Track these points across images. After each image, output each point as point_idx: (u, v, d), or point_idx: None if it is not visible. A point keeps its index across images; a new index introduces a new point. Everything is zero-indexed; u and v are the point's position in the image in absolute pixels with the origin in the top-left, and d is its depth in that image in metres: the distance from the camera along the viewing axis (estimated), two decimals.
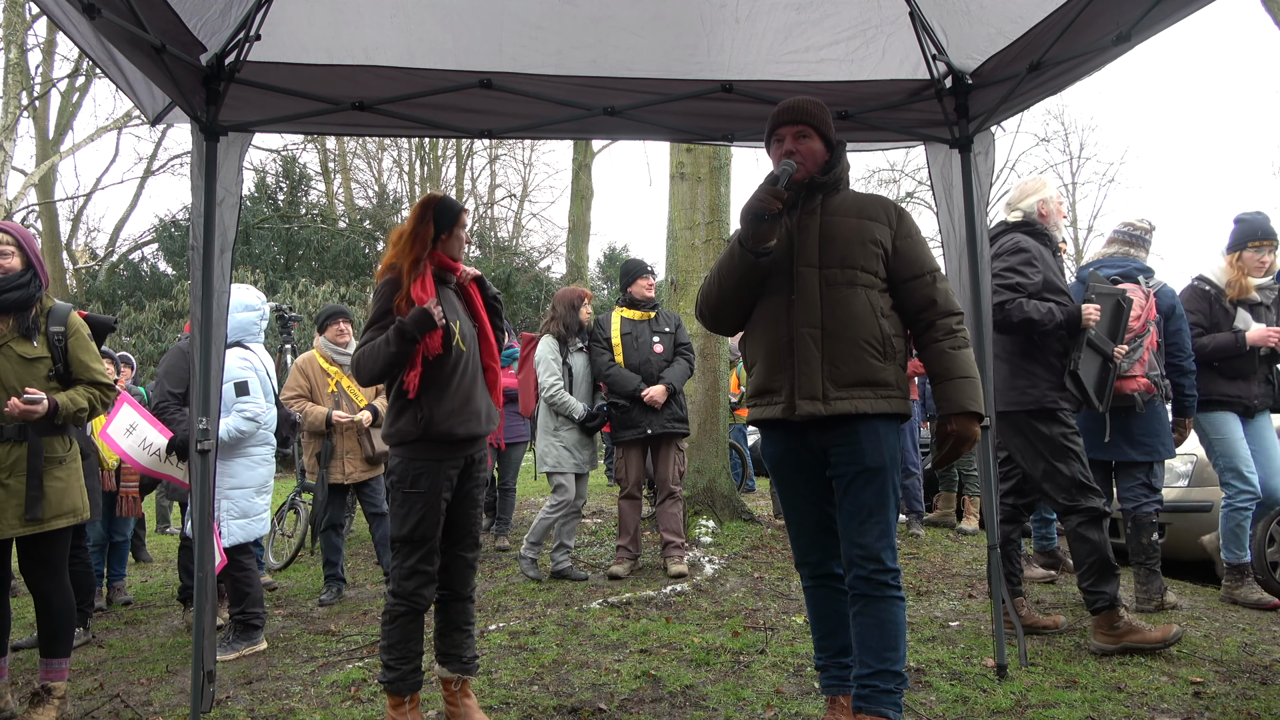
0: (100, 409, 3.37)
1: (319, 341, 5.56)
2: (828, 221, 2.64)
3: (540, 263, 23.71)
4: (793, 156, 2.65)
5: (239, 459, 4.24)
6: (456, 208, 3.06)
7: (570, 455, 5.39)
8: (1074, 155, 28.18)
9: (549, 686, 3.42)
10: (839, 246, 2.60)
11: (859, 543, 2.54)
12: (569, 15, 3.33)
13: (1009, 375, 3.81)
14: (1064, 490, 3.71)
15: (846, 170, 2.78)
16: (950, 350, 2.60)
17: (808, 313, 2.58)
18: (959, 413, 2.58)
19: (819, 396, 2.55)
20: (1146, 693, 3.16)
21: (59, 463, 3.23)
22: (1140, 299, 4.25)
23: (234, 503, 4.18)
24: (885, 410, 2.56)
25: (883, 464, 2.54)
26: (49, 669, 3.23)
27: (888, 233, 2.64)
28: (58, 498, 3.19)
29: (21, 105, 13.86)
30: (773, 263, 2.64)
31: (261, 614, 4.18)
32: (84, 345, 3.33)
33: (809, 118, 2.69)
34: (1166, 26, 2.65)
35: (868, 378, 2.55)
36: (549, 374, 5.41)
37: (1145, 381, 4.18)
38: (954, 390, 2.58)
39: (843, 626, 2.70)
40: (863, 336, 2.55)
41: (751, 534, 6.28)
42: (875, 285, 2.60)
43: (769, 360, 2.66)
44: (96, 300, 17.94)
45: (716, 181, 6.83)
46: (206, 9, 2.96)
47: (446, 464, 2.95)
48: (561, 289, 5.96)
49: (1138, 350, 4.20)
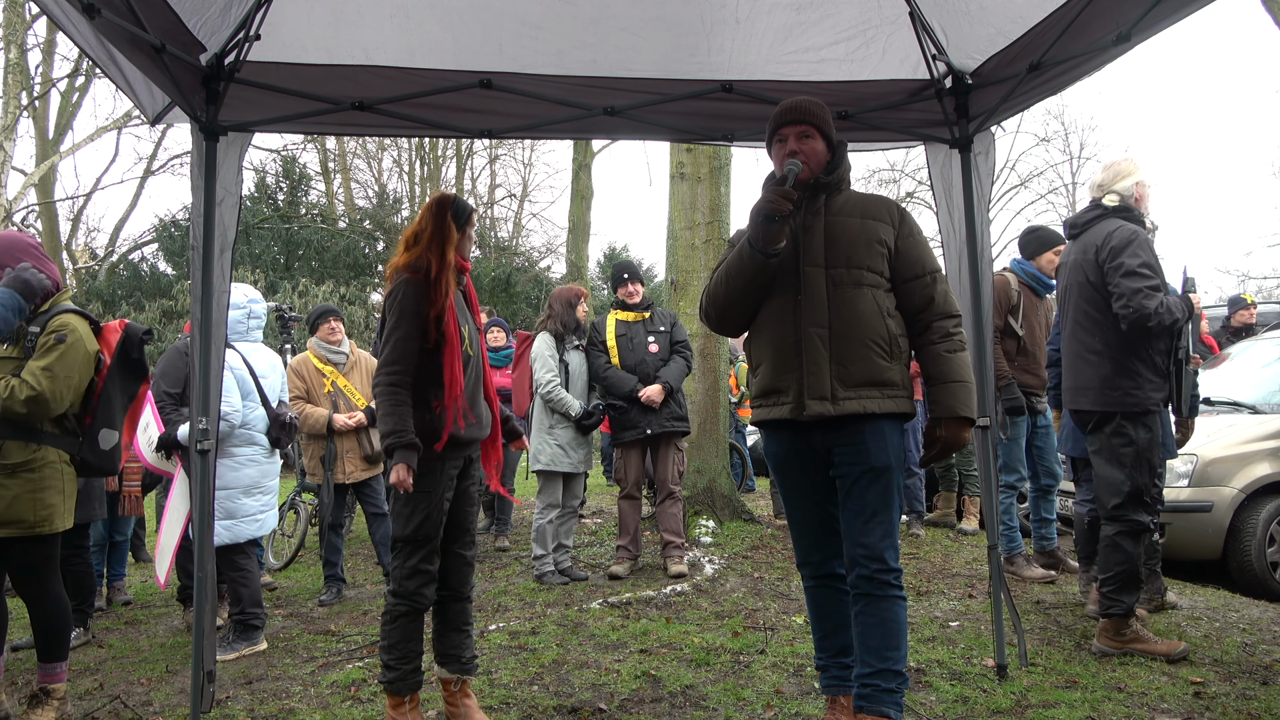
0: (7, 398, 3.02)
1: (312, 342, 5.55)
2: (832, 221, 2.65)
3: (540, 263, 23.69)
4: (796, 157, 2.65)
5: (221, 460, 4.21)
6: (469, 207, 3.08)
7: (565, 454, 5.37)
8: (1074, 155, 28.18)
9: (549, 686, 3.42)
10: (844, 246, 2.61)
11: (862, 542, 2.54)
12: (569, 15, 3.33)
13: (1111, 374, 3.58)
14: (1121, 496, 3.57)
15: (848, 170, 2.78)
16: (945, 354, 2.61)
17: (815, 313, 2.58)
18: (950, 418, 2.59)
19: (828, 396, 2.55)
20: (1146, 693, 3.16)
21: (9, 469, 3.06)
22: None
23: (218, 504, 4.16)
24: (892, 410, 2.57)
25: (888, 464, 2.55)
26: (46, 672, 3.22)
27: (891, 232, 2.65)
28: (2, 506, 3.04)
29: (21, 105, 13.86)
30: (778, 263, 2.65)
31: (261, 614, 4.18)
32: (45, 349, 3.13)
33: (811, 117, 2.69)
34: (1166, 26, 2.65)
35: (875, 377, 2.56)
36: (545, 371, 5.41)
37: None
38: (947, 394, 2.59)
39: (843, 627, 2.70)
40: (869, 336, 2.56)
41: (751, 534, 6.28)
42: (881, 285, 2.62)
43: (776, 360, 2.65)
44: (96, 300, 17.92)
45: (716, 181, 6.84)
46: (206, 9, 2.95)
47: (449, 464, 2.95)
48: (559, 287, 5.96)
49: None
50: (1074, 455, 4.52)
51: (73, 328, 3.21)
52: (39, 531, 3.12)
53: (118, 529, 5.51)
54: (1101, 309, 3.64)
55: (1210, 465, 5.08)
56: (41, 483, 3.13)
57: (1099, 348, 3.63)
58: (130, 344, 3.43)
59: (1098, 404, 3.64)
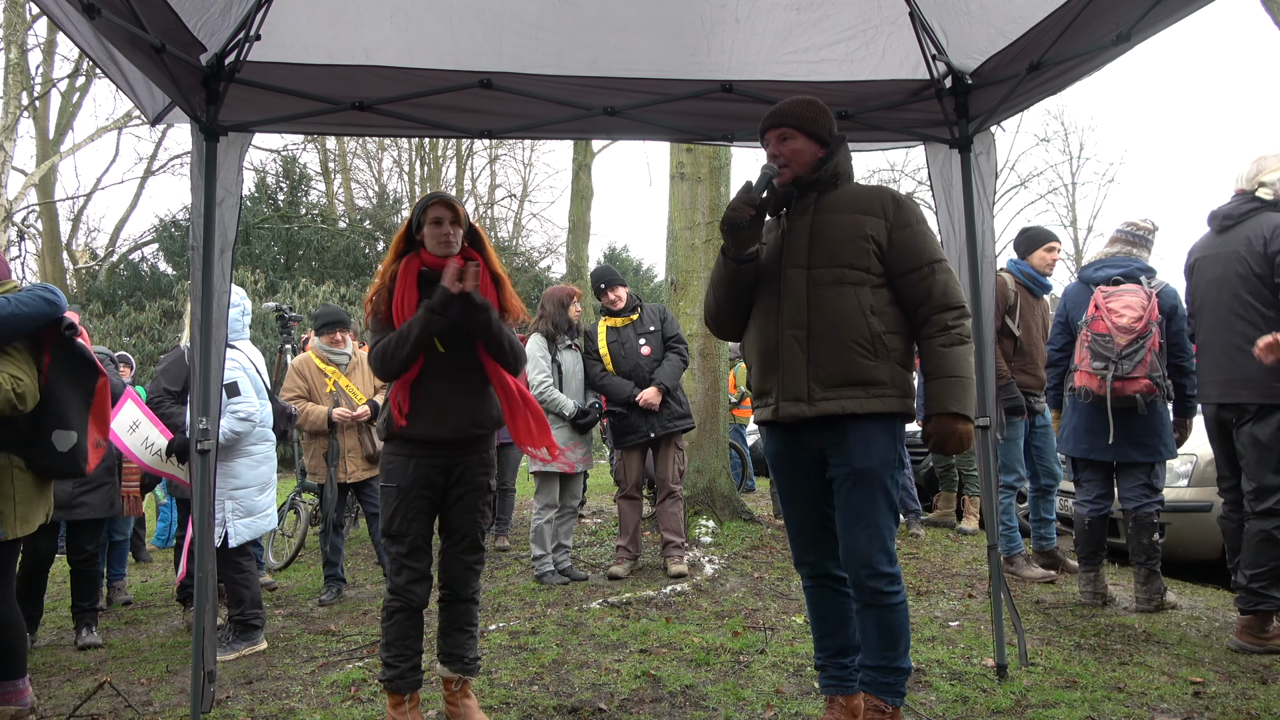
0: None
1: (314, 342, 5.56)
2: (819, 220, 2.62)
3: (540, 263, 23.70)
4: (776, 159, 2.65)
5: (239, 459, 4.24)
6: (424, 201, 3.04)
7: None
8: (1074, 155, 28.29)
9: (549, 686, 3.42)
10: (828, 245, 2.57)
11: (850, 545, 2.54)
12: (569, 15, 3.33)
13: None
14: (1276, 494, 3.60)
15: (846, 164, 2.72)
16: (939, 348, 2.54)
17: (794, 314, 2.57)
18: (940, 413, 2.54)
19: (803, 398, 2.54)
20: (1146, 693, 3.16)
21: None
22: (1142, 300, 4.22)
23: (238, 502, 4.19)
24: (877, 409, 2.51)
25: (870, 466, 2.51)
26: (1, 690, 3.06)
27: (882, 226, 2.57)
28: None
29: (21, 105, 13.86)
30: (765, 266, 2.64)
31: (261, 614, 4.18)
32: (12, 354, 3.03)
33: (789, 119, 2.66)
34: (1166, 26, 2.65)
35: (856, 377, 2.51)
36: (538, 372, 5.40)
37: (1147, 383, 4.14)
38: (939, 389, 2.54)
39: (842, 626, 2.70)
40: (850, 336, 2.52)
41: (751, 534, 6.28)
42: (866, 282, 2.55)
43: (760, 363, 2.67)
44: (97, 300, 17.93)
45: (716, 181, 6.83)
46: (206, 9, 2.95)
47: (420, 461, 2.94)
48: (550, 287, 5.96)
49: (1140, 352, 4.16)
50: (1074, 455, 4.52)
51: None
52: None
53: (117, 529, 5.52)
54: (1267, 300, 3.66)
55: (1210, 465, 5.07)
56: (5, 492, 2.98)
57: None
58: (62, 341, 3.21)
59: (1263, 396, 3.63)
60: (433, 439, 2.94)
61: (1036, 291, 5.13)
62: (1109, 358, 4.19)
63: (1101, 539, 4.44)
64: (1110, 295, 4.33)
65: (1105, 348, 4.21)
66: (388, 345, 2.88)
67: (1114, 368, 4.18)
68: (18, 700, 3.08)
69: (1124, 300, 4.28)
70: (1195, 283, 4.05)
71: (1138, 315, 4.19)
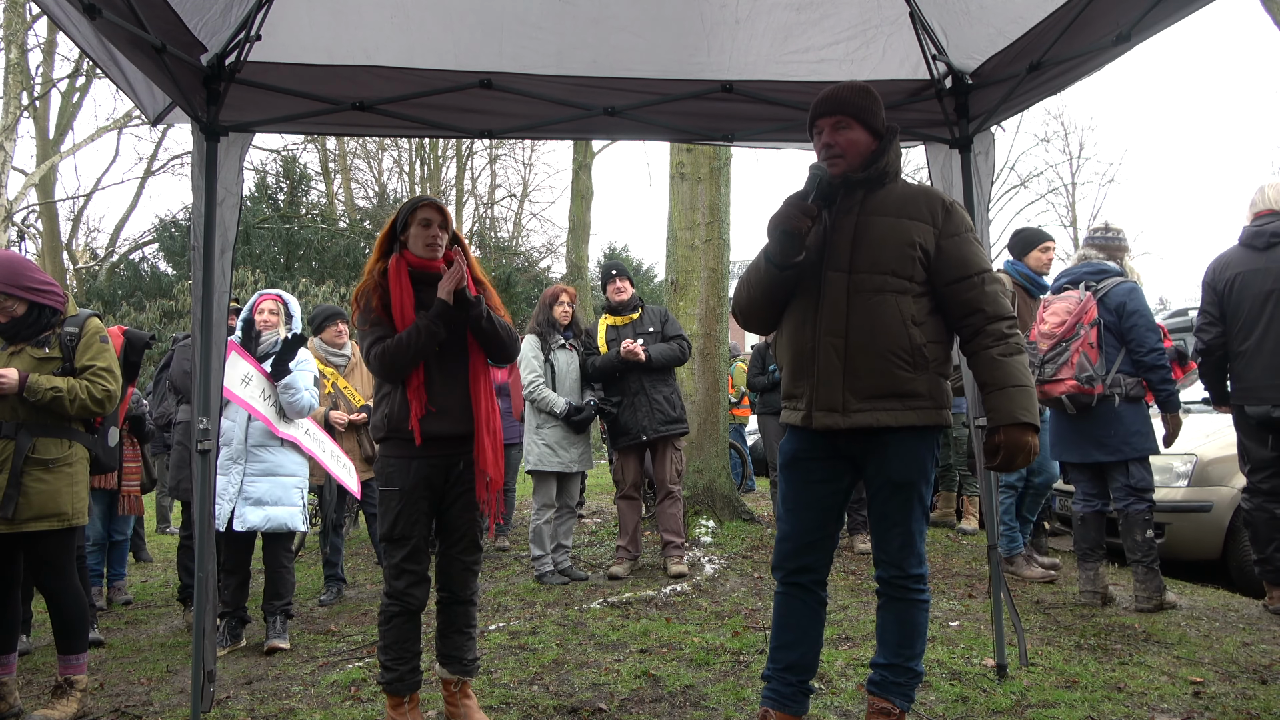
0: (85, 397, 3.22)
1: (314, 343, 5.55)
2: (864, 221, 2.50)
3: (540, 263, 23.72)
4: (829, 149, 2.54)
5: (294, 455, 4.41)
6: (413, 202, 3.05)
7: (553, 453, 5.33)
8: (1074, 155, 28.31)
9: (549, 686, 3.42)
10: (872, 249, 2.47)
11: (883, 548, 2.54)
12: (569, 15, 3.33)
13: None
14: None
15: (896, 160, 2.61)
16: (999, 358, 2.44)
17: (833, 320, 2.47)
18: (1010, 424, 2.41)
19: (838, 409, 2.46)
20: (1146, 693, 3.16)
21: (46, 465, 3.17)
22: (1070, 305, 4.36)
23: (293, 497, 4.36)
24: (912, 422, 2.45)
25: (910, 479, 2.48)
26: (67, 664, 3.31)
27: (930, 233, 2.48)
28: (40, 500, 3.14)
29: (21, 105, 13.85)
30: (805, 262, 2.54)
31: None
32: (89, 344, 3.32)
33: (848, 106, 2.54)
34: (1166, 26, 2.65)
35: (894, 389, 2.43)
36: (529, 371, 5.41)
37: (1073, 384, 4.27)
38: (1005, 400, 2.41)
39: (802, 640, 2.60)
40: (889, 347, 2.43)
41: (751, 534, 6.28)
42: (909, 291, 2.46)
43: (793, 365, 2.59)
44: (97, 300, 17.94)
45: (716, 181, 6.84)
46: (207, 9, 2.96)
47: (419, 462, 2.93)
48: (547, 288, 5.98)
49: (1063, 355, 4.30)
50: (1066, 461, 4.57)
51: (105, 331, 3.44)
52: (73, 524, 3.26)
53: (117, 529, 5.51)
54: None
55: (1210, 465, 5.08)
56: (76, 477, 3.28)
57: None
58: (133, 349, 3.66)
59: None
60: (435, 435, 2.94)
61: (1034, 292, 5.14)
62: (1034, 363, 4.36)
63: (1098, 536, 4.46)
64: (1049, 303, 4.52)
65: (1033, 354, 4.38)
66: (393, 354, 2.86)
67: (1037, 372, 4.33)
68: (81, 672, 3.33)
69: (1054, 307, 4.48)
70: (1238, 297, 4.23)
71: (1060, 320, 4.35)
